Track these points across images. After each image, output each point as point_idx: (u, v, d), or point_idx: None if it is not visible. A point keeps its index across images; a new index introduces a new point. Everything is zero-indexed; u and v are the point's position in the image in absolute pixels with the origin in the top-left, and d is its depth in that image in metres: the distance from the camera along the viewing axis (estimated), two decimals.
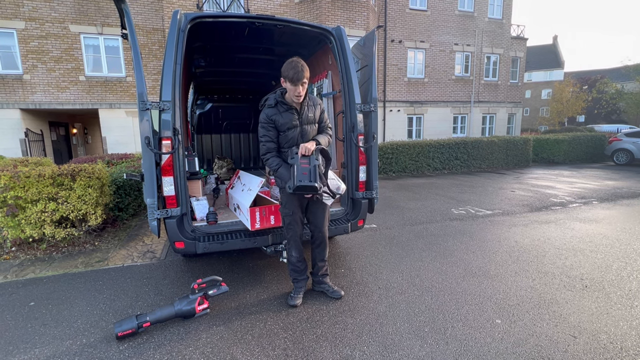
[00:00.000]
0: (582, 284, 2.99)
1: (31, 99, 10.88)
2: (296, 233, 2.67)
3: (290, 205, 2.61)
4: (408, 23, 14.57)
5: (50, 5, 10.71)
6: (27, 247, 3.95)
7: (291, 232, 2.67)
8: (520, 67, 17.33)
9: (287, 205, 2.62)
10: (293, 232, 2.66)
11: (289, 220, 2.64)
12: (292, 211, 2.62)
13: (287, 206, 2.62)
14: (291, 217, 2.63)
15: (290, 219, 2.64)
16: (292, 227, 2.65)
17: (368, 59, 3.35)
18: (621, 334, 2.26)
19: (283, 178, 2.51)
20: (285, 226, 2.68)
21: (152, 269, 3.49)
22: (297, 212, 2.63)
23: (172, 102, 2.59)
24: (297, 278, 2.76)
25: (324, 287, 2.83)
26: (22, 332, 2.39)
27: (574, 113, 29.07)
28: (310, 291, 2.90)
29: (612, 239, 4.19)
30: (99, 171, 4.08)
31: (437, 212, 5.65)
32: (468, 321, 2.43)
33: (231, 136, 6.97)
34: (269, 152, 2.56)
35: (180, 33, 2.69)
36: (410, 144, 10.60)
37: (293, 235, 2.67)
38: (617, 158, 13.02)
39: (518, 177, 9.56)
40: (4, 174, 3.55)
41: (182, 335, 2.32)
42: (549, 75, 39.73)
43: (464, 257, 3.66)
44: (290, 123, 2.51)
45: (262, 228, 2.88)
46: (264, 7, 12.09)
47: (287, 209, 2.62)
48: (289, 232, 2.68)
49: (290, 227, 2.65)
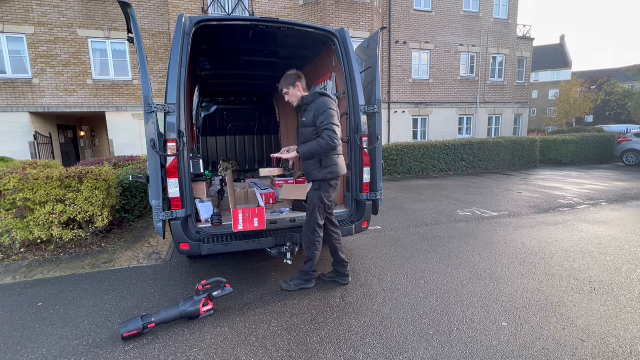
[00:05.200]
0: (591, 287, 2.94)
1: (40, 103, 11.06)
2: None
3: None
4: (413, 24, 14.53)
5: (59, 10, 10.90)
6: (35, 248, 4.01)
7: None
8: (526, 67, 17.17)
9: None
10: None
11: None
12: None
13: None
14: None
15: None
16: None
17: (372, 61, 3.35)
18: (631, 338, 2.21)
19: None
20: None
21: (157, 270, 3.51)
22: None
23: (177, 104, 2.62)
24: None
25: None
26: (30, 332, 2.42)
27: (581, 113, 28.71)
28: (313, 292, 2.90)
29: (621, 241, 4.12)
30: (105, 173, 4.12)
31: (443, 213, 5.61)
32: (474, 324, 2.40)
33: (236, 138, 7.00)
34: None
35: (186, 36, 2.72)
36: (415, 145, 10.55)
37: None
38: (626, 159, 12.81)
39: (525, 179, 9.46)
40: (13, 177, 3.61)
41: (187, 336, 2.33)
42: (557, 76, 39.28)
43: (470, 259, 3.63)
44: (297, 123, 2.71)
45: (244, 230, 2.81)
46: (268, 9, 12.16)
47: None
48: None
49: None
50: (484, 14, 15.68)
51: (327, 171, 2.71)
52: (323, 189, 2.75)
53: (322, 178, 2.73)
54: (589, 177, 9.55)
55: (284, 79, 2.85)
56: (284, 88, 2.86)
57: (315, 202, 2.75)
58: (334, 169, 2.72)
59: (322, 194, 2.75)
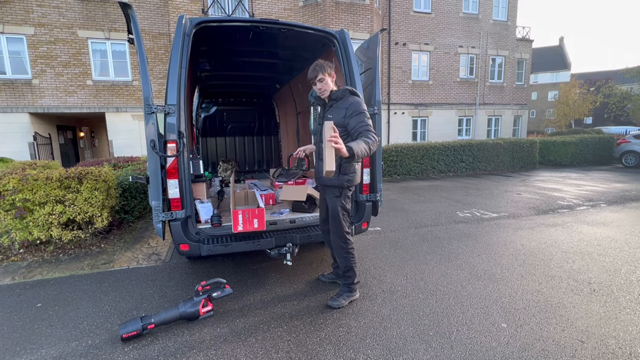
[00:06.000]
0: (590, 288, 2.95)
1: (40, 103, 11.05)
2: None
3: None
4: (412, 26, 14.56)
5: (59, 11, 10.91)
6: (34, 249, 4.00)
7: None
8: (526, 68, 17.21)
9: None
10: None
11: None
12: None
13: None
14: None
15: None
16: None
17: (372, 62, 3.36)
18: (630, 339, 2.22)
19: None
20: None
21: (157, 271, 3.51)
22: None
23: (177, 105, 2.62)
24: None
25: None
26: (29, 333, 2.41)
27: (580, 115, 28.75)
28: (313, 293, 2.89)
29: (620, 242, 4.12)
30: (105, 174, 4.12)
31: (442, 214, 5.62)
32: (473, 325, 2.40)
33: (235, 139, 7.01)
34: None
35: (186, 37, 2.72)
36: (415, 146, 10.56)
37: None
38: (625, 160, 12.83)
39: (524, 180, 9.47)
40: (13, 177, 3.60)
41: (186, 337, 2.32)
42: (556, 77, 39.37)
43: (469, 260, 3.63)
44: (318, 117, 2.70)
45: (244, 231, 2.82)
46: (268, 11, 12.18)
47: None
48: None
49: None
50: (483, 15, 15.73)
51: (345, 178, 2.57)
52: (344, 195, 2.63)
53: (338, 184, 2.58)
54: (588, 179, 9.57)
55: (316, 66, 2.54)
56: (319, 74, 2.53)
57: (338, 210, 2.63)
58: (352, 177, 2.60)
59: (342, 201, 2.64)
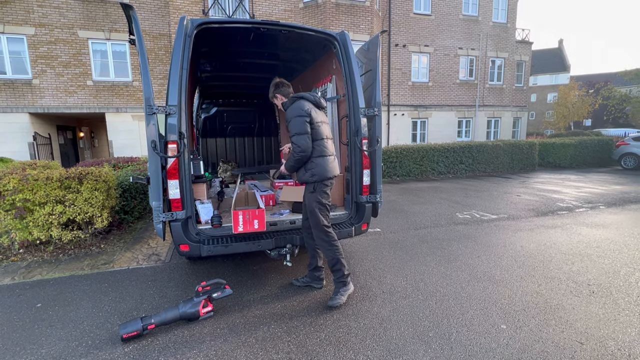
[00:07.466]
0: (589, 290, 2.95)
1: (40, 103, 11.05)
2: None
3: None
4: (412, 27, 14.60)
5: (60, 11, 10.92)
6: (34, 249, 4.00)
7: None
8: (525, 70, 17.25)
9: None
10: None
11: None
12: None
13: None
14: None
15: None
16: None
17: (372, 64, 3.37)
18: (629, 341, 2.22)
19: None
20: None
21: (157, 271, 3.51)
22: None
23: (178, 106, 2.63)
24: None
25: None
26: (29, 333, 2.41)
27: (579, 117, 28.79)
28: (312, 294, 2.90)
29: (619, 244, 4.13)
30: (105, 174, 4.12)
31: (442, 216, 5.63)
32: (473, 326, 2.41)
33: (236, 140, 7.02)
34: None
35: (187, 38, 2.73)
36: (415, 147, 10.57)
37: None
38: (624, 162, 12.86)
39: (524, 182, 9.48)
40: (13, 177, 3.61)
41: (186, 337, 2.32)
42: (555, 79, 39.43)
43: (469, 261, 3.64)
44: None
45: (244, 231, 2.83)
46: (269, 12, 12.20)
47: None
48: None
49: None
50: (483, 17, 15.77)
51: (309, 174, 2.72)
52: (318, 191, 2.74)
53: (305, 180, 2.75)
54: (587, 181, 9.59)
55: (270, 87, 2.96)
56: (270, 95, 2.99)
57: (313, 205, 2.74)
58: (315, 171, 2.71)
59: (318, 196, 2.74)
